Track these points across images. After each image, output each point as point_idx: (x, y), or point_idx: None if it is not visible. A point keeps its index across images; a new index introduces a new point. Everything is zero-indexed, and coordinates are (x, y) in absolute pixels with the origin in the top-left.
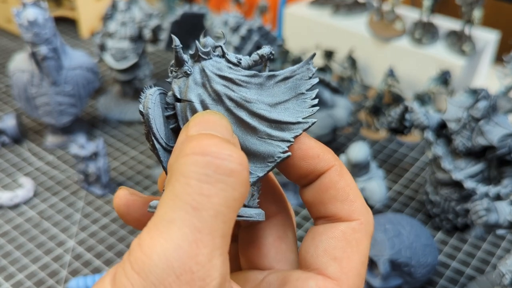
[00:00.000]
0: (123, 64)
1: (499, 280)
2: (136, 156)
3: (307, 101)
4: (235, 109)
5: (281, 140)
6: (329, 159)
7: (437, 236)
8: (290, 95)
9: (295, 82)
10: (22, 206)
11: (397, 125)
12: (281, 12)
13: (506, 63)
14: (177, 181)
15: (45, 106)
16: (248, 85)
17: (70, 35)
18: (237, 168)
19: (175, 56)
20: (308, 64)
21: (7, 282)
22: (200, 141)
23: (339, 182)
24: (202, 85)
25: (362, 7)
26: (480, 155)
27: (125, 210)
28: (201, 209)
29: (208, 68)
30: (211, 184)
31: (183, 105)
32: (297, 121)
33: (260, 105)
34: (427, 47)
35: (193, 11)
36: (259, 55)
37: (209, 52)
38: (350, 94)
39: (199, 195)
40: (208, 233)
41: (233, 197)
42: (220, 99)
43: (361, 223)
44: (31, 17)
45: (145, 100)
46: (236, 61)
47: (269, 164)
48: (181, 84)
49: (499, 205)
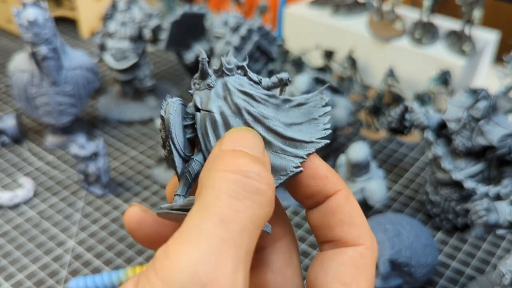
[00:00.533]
0: (123, 64)
1: (499, 280)
2: (136, 156)
3: (320, 125)
4: (253, 123)
5: (294, 155)
6: (337, 182)
7: (437, 236)
8: (303, 119)
9: (308, 109)
10: (22, 206)
11: (397, 125)
12: (281, 12)
13: (506, 63)
14: (207, 194)
15: (45, 106)
16: (267, 103)
17: (70, 35)
18: (264, 188)
19: (200, 68)
20: (321, 93)
21: (7, 282)
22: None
23: (346, 206)
24: (223, 98)
25: (362, 7)
26: (480, 155)
27: (136, 227)
28: (229, 222)
29: (230, 83)
30: (239, 200)
31: (203, 115)
32: (310, 140)
33: (276, 122)
34: (427, 47)
35: (193, 11)
36: (278, 78)
37: (233, 69)
38: (350, 94)
39: (228, 209)
40: (234, 246)
41: (259, 215)
42: (239, 112)
43: (367, 248)
44: (31, 17)
45: (167, 107)
46: (257, 80)
47: (281, 177)
48: (202, 95)
49: (499, 205)
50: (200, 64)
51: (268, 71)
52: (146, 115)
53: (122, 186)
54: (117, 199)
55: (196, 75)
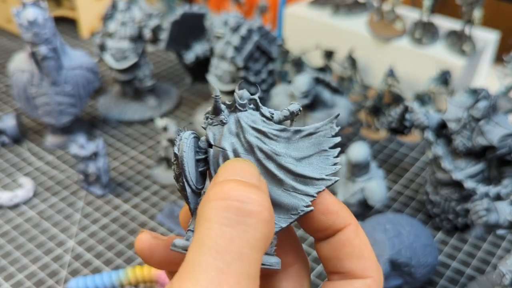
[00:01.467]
0: (123, 64)
1: (499, 280)
2: (136, 156)
3: (330, 159)
4: (265, 160)
5: (305, 194)
6: (347, 217)
7: (437, 236)
8: (313, 150)
9: (318, 139)
10: (22, 206)
11: (397, 125)
12: (281, 12)
13: (506, 63)
14: (201, 225)
15: (45, 106)
16: (278, 139)
17: (70, 35)
18: (256, 209)
19: (213, 105)
20: (331, 123)
21: (7, 282)
22: (222, 187)
23: (355, 240)
24: (236, 135)
25: (362, 7)
26: (480, 155)
27: (148, 254)
28: (224, 252)
29: (243, 119)
30: (232, 226)
31: (216, 152)
32: (321, 177)
33: (288, 158)
34: (427, 47)
35: (193, 11)
36: (289, 111)
37: (246, 104)
38: (350, 94)
39: (221, 238)
40: (234, 275)
41: (255, 238)
42: (252, 149)
43: (374, 281)
44: (31, 17)
45: (180, 143)
46: (269, 115)
47: (292, 216)
48: (215, 131)
49: (499, 205)
50: (213, 101)
51: (268, 71)
52: (146, 115)
53: (122, 186)
54: (117, 199)
55: (209, 109)
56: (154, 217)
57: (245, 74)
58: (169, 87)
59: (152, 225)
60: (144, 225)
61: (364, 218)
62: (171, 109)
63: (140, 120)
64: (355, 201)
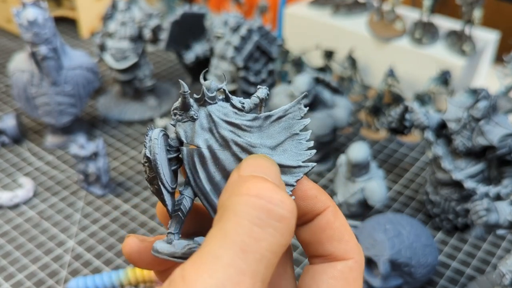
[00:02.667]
0: (123, 64)
1: (499, 280)
2: (136, 156)
3: (303, 143)
4: (241, 154)
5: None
6: (325, 200)
7: (437, 236)
8: (285, 135)
9: (288, 122)
10: (22, 206)
11: (397, 125)
12: (281, 12)
13: (506, 63)
14: (228, 219)
15: (45, 106)
16: (251, 129)
17: (70, 35)
18: (287, 215)
19: (182, 101)
20: (299, 103)
21: (7, 282)
22: (255, 184)
23: (335, 222)
24: (209, 130)
25: (362, 7)
26: (480, 155)
27: (137, 256)
28: (248, 251)
29: (214, 113)
30: (261, 227)
31: (190, 151)
32: (298, 165)
33: (263, 149)
34: (427, 47)
35: (193, 11)
36: (259, 98)
37: (215, 96)
38: (350, 94)
39: (249, 237)
40: (251, 276)
41: (279, 243)
42: (227, 144)
43: (356, 262)
44: (31, 17)
45: (151, 145)
46: (240, 106)
47: None
48: (186, 128)
49: (499, 205)
50: (181, 97)
51: (268, 71)
52: (146, 115)
53: (122, 186)
54: (117, 199)
55: (176, 105)
56: (154, 217)
57: (245, 74)
58: (169, 87)
59: (152, 225)
60: (144, 225)
61: (364, 218)
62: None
63: (140, 120)
64: (355, 201)
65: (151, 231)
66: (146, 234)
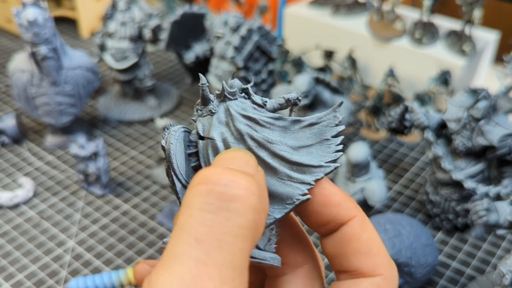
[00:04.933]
0: (123, 64)
1: (499, 280)
2: (136, 156)
3: (332, 147)
4: (257, 148)
5: (301, 182)
6: (351, 208)
7: (437, 236)
8: (314, 140)
9: (320, 129)
10: (22, 206)
11: (397, 125)
12: (281, 12)
13: (506, 63)
14: (181, 213)
15: (45, 106)
16: (272, 126)
17: (70, 35)
18: (241, 193)
19: (201, 94)
20: (335, 111)
21: (7, 282)
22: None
23: (362, 234)
24: (226, 124)
25: (362, 7)
26: (480, 155)
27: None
28: (204, 240)
29: (233, 107)
30: (213, 213)
31: (205, 143)
32: (319, 164)
33: (282, 146)
34: (427, 47)
35: (193, 11)
36: (285, 98)
37: (235, 92)
38: (350, 94)
39: (201, 225)
40: (214, 266)
41: (239, 225)
42: (242, 138)
43: (384, 278)
44: (31, 17)
45: (168, 136)
46: (261, 103)
47: (287, 206)
48: (205, 122)
49: (499, 205)
50: (200, 90)
51: (268, 71)
52: (146, 115)
53: (122, 186)
54: (117, 199)
55: (198, 101)
56: (154, 217)
57: (245, 74)
58: (169, 87)
59: (152, 225)
60: (144, 225)
61: None
62: (171, 109)
63: (140, 120)
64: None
65: (151, 231)
66: (146, 234)
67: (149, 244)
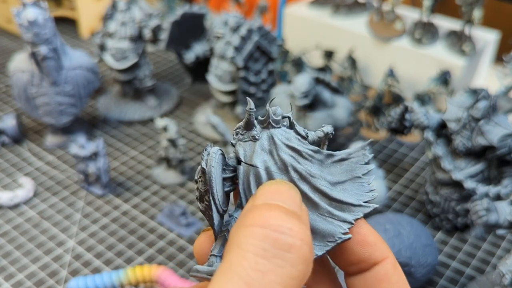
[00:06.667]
0: (123, 64)
1: (499, 280)
2: (136, 156)
3: (365, 186)
4: (299, 181)
5: (342, 220)
6: (385, 249)
7: (437, 236)
8: (346, 176)
9: (350, 165)
10: (22, 206)
11: (397, 125)
12: (281, 12)
13: (506, 63)
14: (233, 252)
15: (45, 106)
16: (313, 160)
17: (70, 35)
18: (296, 244)
19: (247, 119)
20: (364, 149)
21: (7, 282)
22: (261, 212)
23: (394, 275)
24: (269, 152)
25: (362, 7)
26: (480, 155)
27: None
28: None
29: (277, 136)
30: (267, 259)
31: (247, 170)
32: (358, 203)
33: (322, 181)
34: (427, 47)
35: (193, 11)
36: (324, 132)
37: (279, 120)
38: (350, 94)
39: (254, 270)
40: None
41: (291, 275)
42: (286, 169)
43: None
44: (31, 17)
45: (209, 158)
46: (304, 134)
47: (328, 244)
48: (246, 147)
49: (499, 205)
50: (246, 115)
51: (268, 71)
52: (146, 115)
53: (122, 186)
54: (117, 199)
55: (240, 124)
56: (154, 217)
57: (245, 74)
58: (169, 87)
59: (152, 225)
60: (144, 225)
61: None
62: (171, 109)
63: (140, 120)
64: None
65: (151, 231)
66: (146, 234)
67: (149, 244)
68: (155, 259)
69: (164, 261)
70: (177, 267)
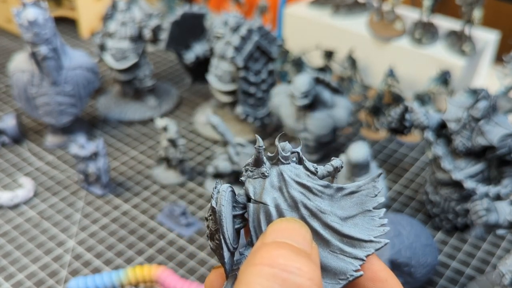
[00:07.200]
0: (123, 64)
1: (499, 280)
2: (136, 156)
3: (376, 219)
4: (309, 218)
5: (353, 257)
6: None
7: (437, 236)
8: (357, 210)
9: (360, 198)
10: (22, 206)
11: (397, 125)
12: (281, 12)
13: (506, 63)
14: None
15: (45, 106)
16: (322, 195)
17: (70, 35)
18: (305, 284)
19: (256, 156)
20: (374, 181)
21: (7, 282)
22: (270, 251)
23: None
24: (279, 189)
25: (362, 7)
26: (480, 155)
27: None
28: None
29: (286, 172)
30: None
31: (257, 207)
32: (369, 239)
33: (333, 217)
34: (427, 47)
35: (193, 11)
36: (333, 166)
37: (289, 157)
38: (350, 94)
39: None
40: None
41: None
42: (296, 206)
43: None
44: (31, 17)
45: (219, 197)
46: (314, 170)
47: (340, 281)
48: (256, 185)
49: (499, 205)
50: (255, 152)
51: (268, 71)
52: (146, 115)
53: (122, 186)
54: (117, 199)
55: (249, 161)
56: (154, 217)
57: (245, 74)
58: (169, 87)
59: (152, 225)
60: (144, 225)
61: None
62: (171, 109)
63: (140, 120)
64: None
65: (151, 231)
66: (146, 234)
67: (149, 244)
68: (155, 259)
69: (164, 261)
70: (177, 267)
